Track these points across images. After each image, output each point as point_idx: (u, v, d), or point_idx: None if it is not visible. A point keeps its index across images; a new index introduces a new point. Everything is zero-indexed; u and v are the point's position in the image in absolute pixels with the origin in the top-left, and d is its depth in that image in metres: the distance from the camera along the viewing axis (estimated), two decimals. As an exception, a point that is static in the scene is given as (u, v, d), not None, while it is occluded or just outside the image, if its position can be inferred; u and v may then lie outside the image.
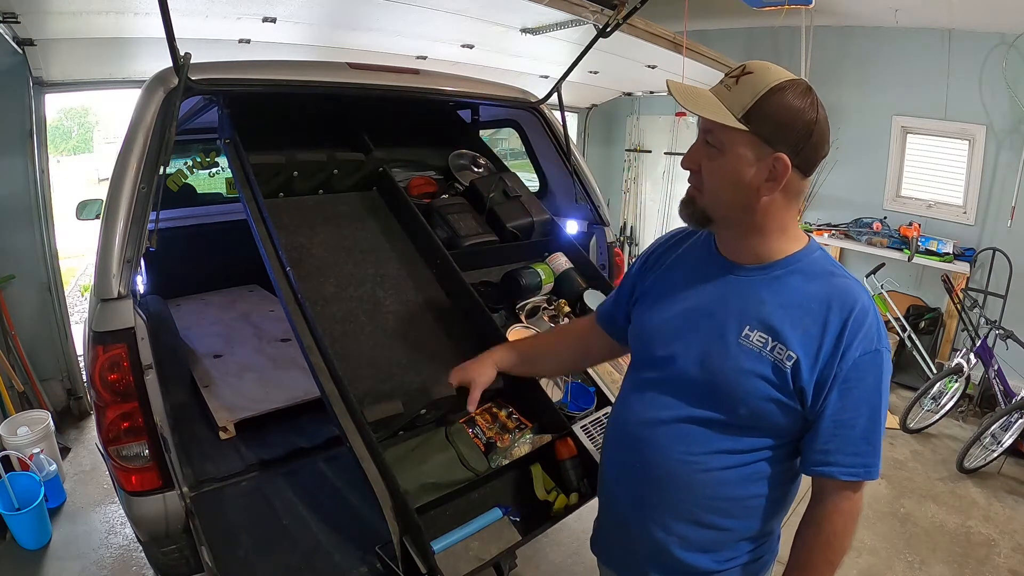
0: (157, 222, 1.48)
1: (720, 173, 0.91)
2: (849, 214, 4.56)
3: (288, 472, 1.67)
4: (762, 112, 0.86)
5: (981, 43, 3.81)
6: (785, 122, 0.86)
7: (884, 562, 2.51)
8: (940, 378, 3.62)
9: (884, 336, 0.90)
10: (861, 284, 0.93)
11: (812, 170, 0.91)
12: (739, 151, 0.88)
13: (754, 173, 0.88)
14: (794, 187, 0.90)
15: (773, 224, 0.93)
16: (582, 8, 2.28)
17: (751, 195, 0.90)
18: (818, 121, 0.87)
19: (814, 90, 0.89)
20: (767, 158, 0.87)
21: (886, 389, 0.91)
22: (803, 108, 0.86)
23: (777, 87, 0.87)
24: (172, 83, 1.47)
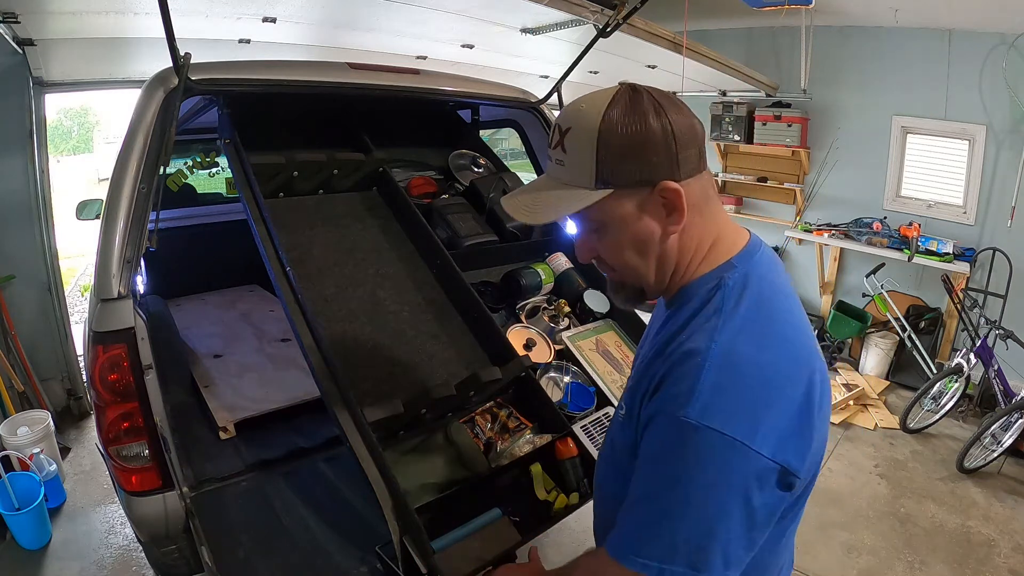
0: (157, 222, 1.48)
1: (617, 247, 0.78)
2: (849, 214, 4.56)
3: (288, 472, 1.67)
4: (608, 161, 0.71)
5: (981, 43, 3.80)
6: (637, 152, 0.70)
7: (884, 562, 2.51)
8: (940, 378, 3.62)
9: (712, 402, 0.66)
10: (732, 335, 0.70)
11: (695, 167, 0.74)
12: (620, 214, 0.74)
13: (649, 223, 0.74)
14: (696, 198, 0.74)
15: (696, 247, 0.77)
16: (582, 8, 2.28)
17: (660, 244, 0.76)
18: (669, 122, 0.71)
19: (640, 89, 0.73)
20: (651, 197, 0.73)
21: (691, 472, 0.66)
22: (645, 123, 0.70)
23: (602, 124, 0.71)
24: (172, 83, 1.47)
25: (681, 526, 0.67)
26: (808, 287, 5.04)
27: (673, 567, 0.67)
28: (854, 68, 4.42)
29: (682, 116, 0.72)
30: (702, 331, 0.71)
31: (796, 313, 0.77)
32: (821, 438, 0.73)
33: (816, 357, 0.73)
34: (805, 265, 5.01)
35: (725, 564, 0.67)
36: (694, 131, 0.73)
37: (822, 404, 0.71)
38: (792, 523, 0.80)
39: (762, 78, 4.54)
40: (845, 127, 4.55)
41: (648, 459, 0.71)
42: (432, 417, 1.52)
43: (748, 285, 0.74)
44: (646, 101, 0.71)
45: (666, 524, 0.68)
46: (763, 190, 5.07)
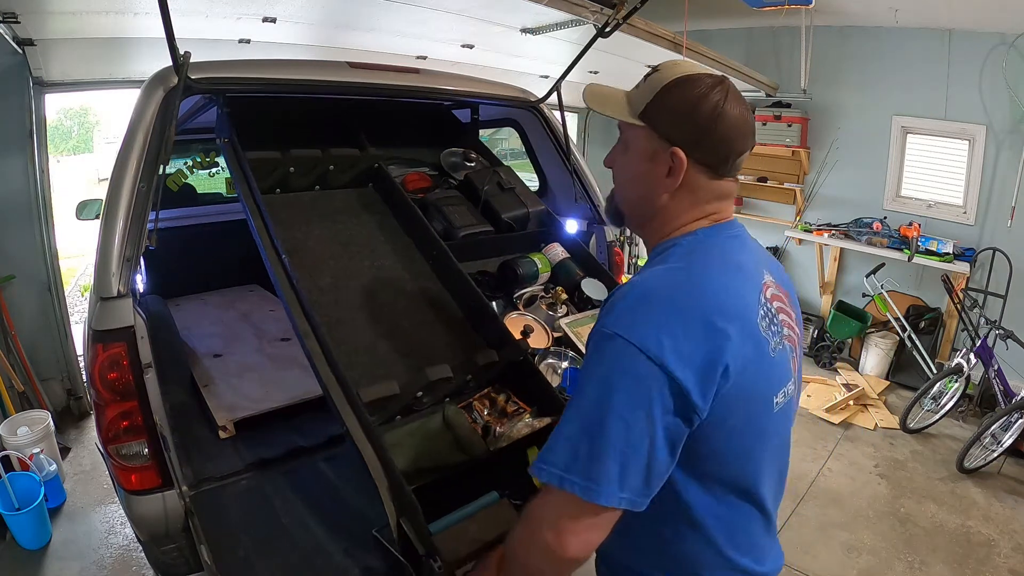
0: (156, 222, 1.48)
1: (624, 169, 0.92)
2: (849, 214, 4.56)
3: (288, 471, 1.67)
4: (659, 107, 0.84)
5: (981, 43, 3.81)
6: (680, 116, 0.83)
7: (884, 562, 2.51)
8: (940, 378, 3.62)
9: (622, 316, 0.76)
10: (661, 273, 0.82)
11: (722, 167, 0.85)
12: (639, 146, 0.88)
13: (652, 168, 0.86)
14: (701, 186, 0.85)
15: (674, 225, 0.88)
16: (582, 8, 2.28)
17: (651, 191, 0.87)
18: (724, 114, 0.81)
19: (730, 86, 0.84)
20: (664, 152, 0.84)
21: (607, 379, 0.74)
22: (703, 101, 0.82)
23: (678, 81, 0.84)
24: (172, 82, 1.47)
25: (582, 433, 0.74)
26: (808, 287, 5.05)
27: (571, 476, 0.74)
28: (854, 68, 4.42)
29: (737, 126, 0.83)
30: (642, 272, 0.85)
31: (735, 283, 0.83)
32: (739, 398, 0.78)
33: (739, 332, 0.78)
34: (805, 265, 5.01)
35: (620, 483, 0.73)
36: (735, 141, 0.84)
37: (742, 369, 0.77)
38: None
39: (762, 78, 4.54)
40: (845, 127, 4.55)
41: (585, 370, 0.80)
42: (429, 401, 1.51)
43: (697, 248, 0.85)
44: (727, 95, 0.83)
45: (567, 429, 0.76)
46: (763, 190, 5.07)
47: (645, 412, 0.72)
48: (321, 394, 2.04)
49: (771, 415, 0.85)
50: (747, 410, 0.81)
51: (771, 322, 0.84)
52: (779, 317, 0.87)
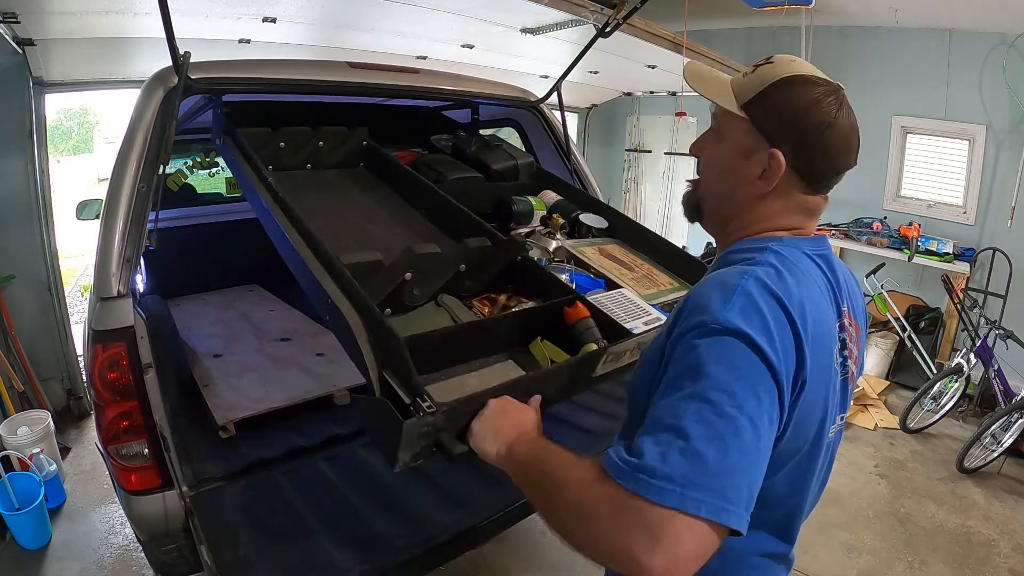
0: (156, 222, 1.48)
1: (715, 160, 0.85)
2: (849, 214, 4.56)
3: (288, 472, 1.67)
4: (766, 102, 0.78)
5: (981, 43, 3.81)
6: (789, 116, 0.77)
7: (884, 562, 2.51)
8: (940, 378, 3.62)
9: (717, 309, 0.68)
10: (752, 273, 0.73)
11: (821, 182, 0.80)
12: (736, 140, 0.81)
13: (746, 166, 0.80)
14: (792, 196, 0.80)
15: (756, 230, 0.82)
16: (582, 8, 2.29)
17: (739, 190, 0.81)
18: (834, 125, 0.76)
19: (845, 97, 0.79)
20: (762, 152, 0.78)
21: (714, 369, 0.64)
22: (816, 106, 0.76)
23: (792, 79, 0.78)
24: (172, 82, 1.47)
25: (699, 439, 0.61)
26: (808, 287, 5.04)
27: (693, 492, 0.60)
28: (854, 68, 4.42)
29: (847, 139, 0.79)
30: (739, 268, 0.75)
31: (822, 306, 0.77)
32: (816, 402, 0.74)
33: (816, 356, 0.72)
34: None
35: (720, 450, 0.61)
36: (840, 156, 0.79)
37: (811, 396, 0.72)
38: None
39: (762, 78, 4.54)
40: (845, 127, 4.55)
41: (672, 363, 0.69)
42: (421, 294, 1.40)
43: (789, 259, 0.77)
44: (841, 105, 0.77)
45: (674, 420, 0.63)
46: (763, 190, 5.07)
47: (750, 393, 0.64)
48: (321, 394, 2.07)
49: (821, 448, 0.79)
50: (804, 437, 0.75)
51: (840, 352, 0.79)
52: (847, 350, 0.81)
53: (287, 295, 3.38)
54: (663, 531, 0.58)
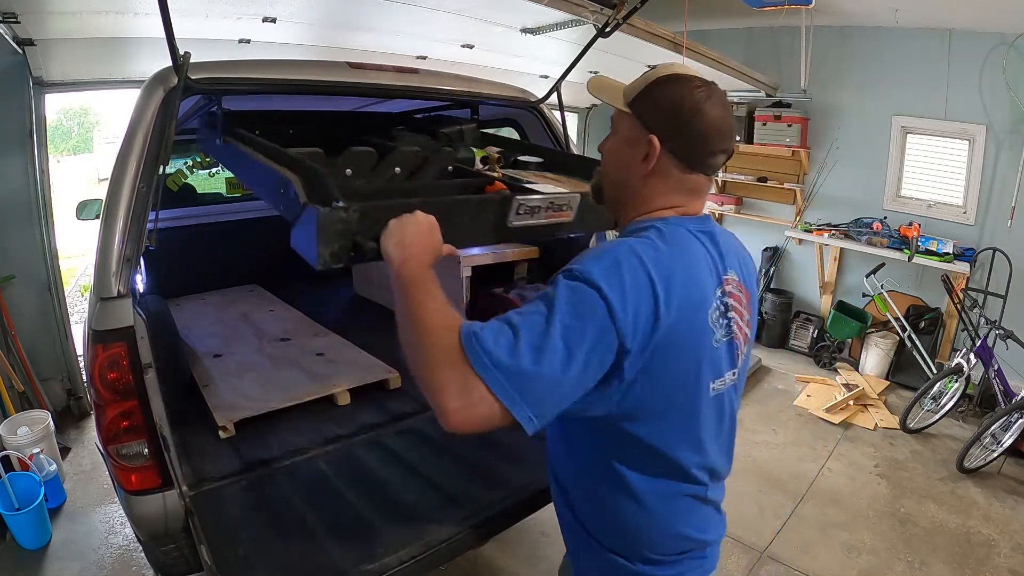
0: (156, 222, 1.48)
1: (611, 151, 1.02)
2: (849, 214, 4.56)
3: (287, 472, 1.67)
4: (646, 98, 0.95)
5: (981, 43, 3.81)
6: (663, 108, 0.92)
7: (884, 562, 2.51)
8: (940, 378, 3.62)
9: (587, 264, 0.83)
10: (627, 243, 0.87)
11: (695, 161, 0.93)
12: (624, 132, 0.98)
13: (632, 152, 0.95)
14: (672, 176, 0.94)
15: (646, 208, 0.97)
16: (582, 8, 2.28)
17: (627, 173, 0.97)
18: (702, 113, 0.90)
19: (716, 90, 0.93)
20: (644, 139, 0.93)
21: (561, 304, 0.80)
22: (686, 98, 0.91)
23: (668, 77, 0.94)
24: (172, 82, 1.47)
25: (517, 326, 0.80)
26: (808, 287, 5.05)
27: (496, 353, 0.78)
28: (854, 68, 4.42)
29: (717, 126, 0.91)
30: (621, 239, 0.91)
31: (695, 272, 0.91)
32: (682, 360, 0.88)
33: (685, 314, 0.86)
34: (805, 265, 5.01)
35: (534, 357, 0.77)
36: (711, 140, 0.92)
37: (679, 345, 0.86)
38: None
39: (762, 78, 4.54)
40: (845, 127, 4.55)
41: (544, 290, 0.85)
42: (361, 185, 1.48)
43: (670, 235, 0.91)
44: (710, 97, 0.91)
45: (504, 321, 0.81)
46: (763, 190, 5.08)
47: (580, 330, 0.79)
48: (321, 394, 2.07)
49: (706, 398, 0.93)
50: (681, 385, 0.89)
51: (722, 315, 0.92)
52: (731, 313, 0.94)
53: (287, 295, 3.38)
54: (469, 390, 0.77)
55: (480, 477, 1.60)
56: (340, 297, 3.65)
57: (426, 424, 1.97)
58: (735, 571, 2.44)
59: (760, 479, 3.11)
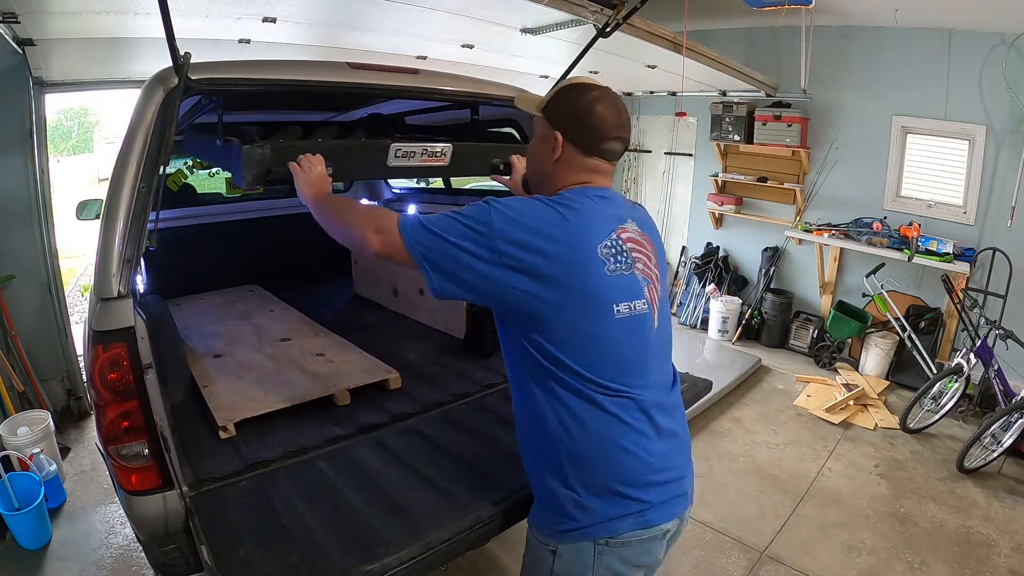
0: (157, 222, 1.48)
1: (531, 148, 1.31)
2: (849, 214, 4.56)
3: (288, 472, 1.67)
4: (552, 103, 1.23)
5: (981, 43, 3.81)
6: (563, 109, 1.21)
7: (884, 562, 2.51)
8: (940, 378, 3.62)
9: (498, 200, 1.13)
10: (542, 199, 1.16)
11: (591, 148, 1.19)
12: (539, 132, 1.26)
13: (544, 147, 1.23)
14: (575, 160, 1.20)
15: (557, 187, 1.22)
16: (582, 8, 2.29)
17: (542, 162, 1.25)
18: (594, 112, 1.17)
19: (606, 92, 1.19)
20: (551, 135, 1.20)
21: (469, 211, 1.12)
22: (581, 100, 1.18)
23: (567, 86, 1.23)
24: (172, 83, 1.47)
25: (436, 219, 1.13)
26: (808, 287, 5.05)
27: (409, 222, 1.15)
28: (854, 68, 4.42)
29: (605, 119, 1.18)
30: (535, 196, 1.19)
31: (589, 220, 1.14)
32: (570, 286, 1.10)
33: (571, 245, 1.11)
34: (805, 265, 5.01)
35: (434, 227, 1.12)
36: (600, 130, 1.18)
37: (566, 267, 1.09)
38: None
39: (762, 78, 4.55)
40: (845, 127, 4.55)
41: None
42: None
43: (571, 197, 1.16)
44: (602, 98, 1.19)
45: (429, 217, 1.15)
46: (763, 190, 5.08)
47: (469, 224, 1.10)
48: (321, 395, 2.07)
49: (611, 319, 1.12)
50: (580, 306, 1.10)
51: (615, 251, 1.14)
52: (628, 253, 1.15)
53: (287, 295, 3.38)
54: (391, 232, 1.14)
55: (480, 477, 1.60)
56: (340, 297, 3.65)
57: (426, 424, 1.97)
58: (735, 571, 2.44)
59: (760, 479, 3.11)
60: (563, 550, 1.17)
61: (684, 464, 1.24)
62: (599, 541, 1.14)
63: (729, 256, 5.52)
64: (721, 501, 2.91)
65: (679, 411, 1.27)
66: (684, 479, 1.22)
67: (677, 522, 1.21)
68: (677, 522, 1.21)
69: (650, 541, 1.17)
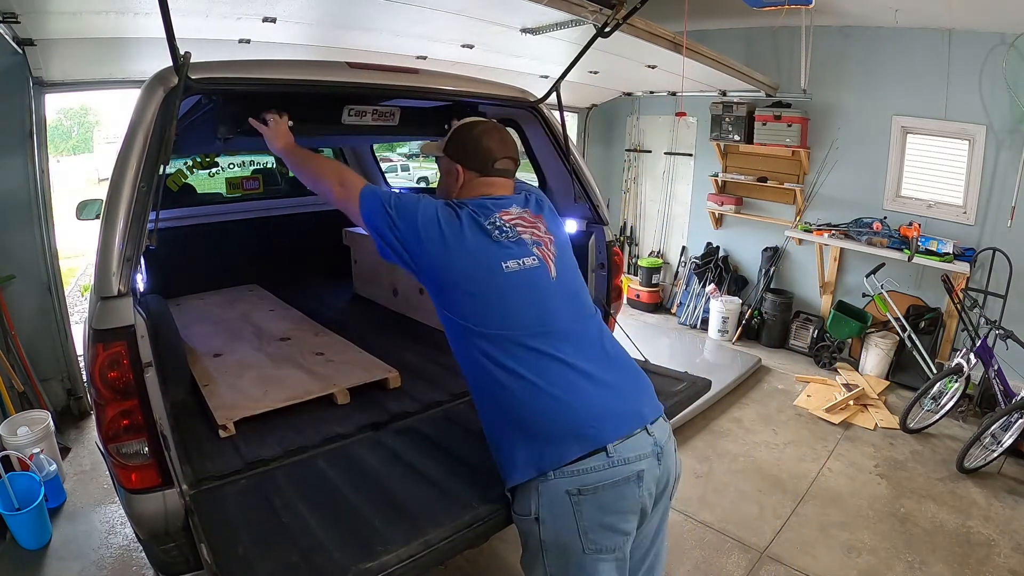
0: (157, 222, 1.48)
1: (440, 182, 1.65)
2: (849, 214, 4.56)
3: (287, 471, 1.67)
4: (450, 142, 1.55)
5: (981, 43, 3.81)
6: (457, 145, 1.53)
7: (884, 562, 2.51)
8: (940, 378, 3.62)
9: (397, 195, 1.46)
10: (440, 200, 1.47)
11: (485, 169, 1.50)
12: (444, 167, 1.59)
13: (450, 177, 1.55)
14: (474, 180, 1.51)
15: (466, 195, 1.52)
16: (582, 8, 2.29)
17: (451, 189, 1.55)
18: (480, 141, 1.50)
19: (488, 125, 1.55)
20: (453, 167, 1.53)
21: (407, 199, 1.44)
22: (468, 135, 1.52)
23: (460, 126, 1.55)
24: (172, 83, 1.47)
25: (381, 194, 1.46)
26: (808, 287, 5.05)
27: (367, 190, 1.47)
28: (854, 68, 4.42)
29: (486, 149, 1.50)
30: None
31: (478, 209, 1.43)
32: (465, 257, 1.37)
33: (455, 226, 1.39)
34: (805, 265, 5.02)
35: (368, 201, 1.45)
36: (483, 153, 1.51)
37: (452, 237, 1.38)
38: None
39: (762, 78, 4.55)
40: (845, 127, 4.55)
41: None
42: None
43: (467, 202, 1.45)
44: (480, 131, 1.53)
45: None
46: (763, 190, 5.08)
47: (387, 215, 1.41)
48: (321, 394, 2.07)
49: (503, 274, 1.35)
50: (471, 266, 1.35)
51: (498, 227, 1.39)
52: (511, 227, 1.41)
53: (287, 295, 3.39)
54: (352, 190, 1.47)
55: (480, 476, 1.60)
56: (340, 297, 3.65)
57: (426, 424, 1.97)
58: (735, 571, 2.44)
59: (760, 479, 3.11)
60: (543, 514, 1.25)
61: (632, 386, 1.37)
62: (572, 491, 1.21)
63: (729, 256, 5.52)
64: (721, 501, 2.91)
65: (609, 343, 1.42)
66: (635, 399, 1.34)
67: (654, 462, 1.27)
68: (654, 462, 1.27)
69: (624, 483, 1.23)
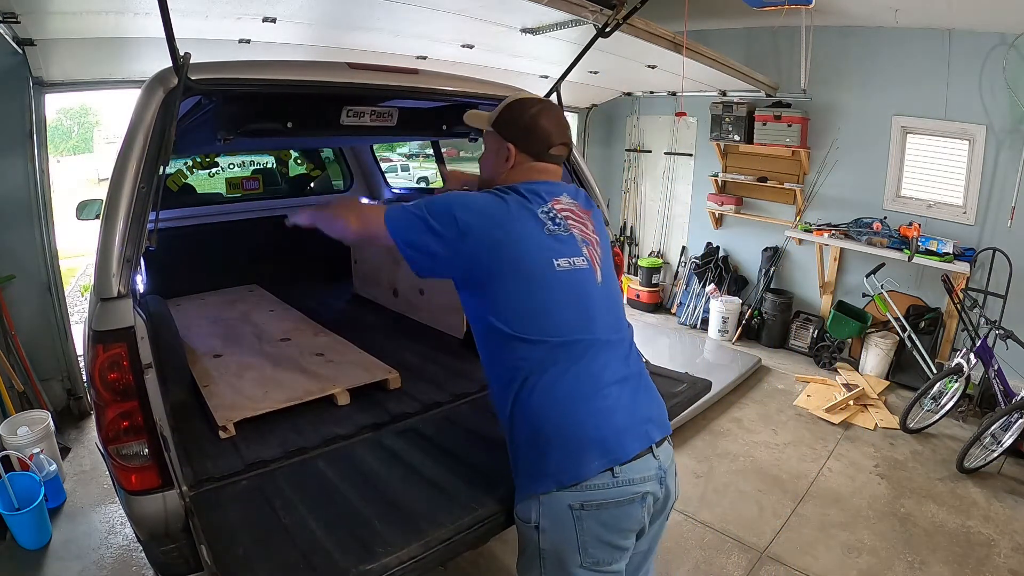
0: (157, 222, 1.48)
1: (484, 159, 1.50)
2: (849, 214, 4.56)
3: (288, 472, 1.67)
4: (501, 119, 1.43)
5: (981, 43, 3.81)
6: (510, 123, 1.41)
7: (884, 562, 2.51)
8: (940, 378, 3.62)
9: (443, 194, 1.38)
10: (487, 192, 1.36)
11: (539, 154, 1.39)
12: (491, 144, 1.45)
13: (498, 157, 1.41)
14: (525, 164, 1.40)
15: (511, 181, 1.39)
16: (582, 8, 2.29)
17: (497, 171, 1.43)
18: (538, 123, 1.39)
19: (546, 104, 1.43)
20: (504, 146, 1.40)
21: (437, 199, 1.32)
22: (524, 113, 1.40)
23: (512, 102, 1.43)
24: (172, 83, 1.47)
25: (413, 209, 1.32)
26: (808, 287, 5.05)
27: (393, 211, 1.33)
28: (854, 68, 4.42)
29: (544, 126, 1.39)
30: None
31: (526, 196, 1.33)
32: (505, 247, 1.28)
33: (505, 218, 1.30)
34: (805, 265, 5.01)
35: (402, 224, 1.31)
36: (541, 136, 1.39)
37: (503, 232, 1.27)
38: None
39: (762, 78, 4.55)
40: (845, 127, 4.55)
41: None
42: None
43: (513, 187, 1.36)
44: (541, 110, 1.41)
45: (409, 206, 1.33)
46: (763, 190, 5.08)
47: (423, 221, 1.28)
48: (321, 395, 2.07)
49: (554, 272, 1.27)
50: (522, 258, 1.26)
51: (551, 217, 1.32)
52: (562, 220, 1.33)
53: (287, 295, 3.38)
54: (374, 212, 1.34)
55: (480, 477, 1.60)
56: (340, 297, 3.65)
57: (426, 424, 1.97)
58: (735, 571, 2.44)
59: (760, 479, 3.11)
60: (544, 523, 1.23)
61: (646, 406, 1.32)
62: (574, 506, 1.18)
63: (729, 256, 5.52)
64: (721, 501, 2.91)
65: (634, 359, 1.37)
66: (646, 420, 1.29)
67: (657, 485, 1.25)
68: (657, 485, 1.25)
69: (629, 503, 1.21)
